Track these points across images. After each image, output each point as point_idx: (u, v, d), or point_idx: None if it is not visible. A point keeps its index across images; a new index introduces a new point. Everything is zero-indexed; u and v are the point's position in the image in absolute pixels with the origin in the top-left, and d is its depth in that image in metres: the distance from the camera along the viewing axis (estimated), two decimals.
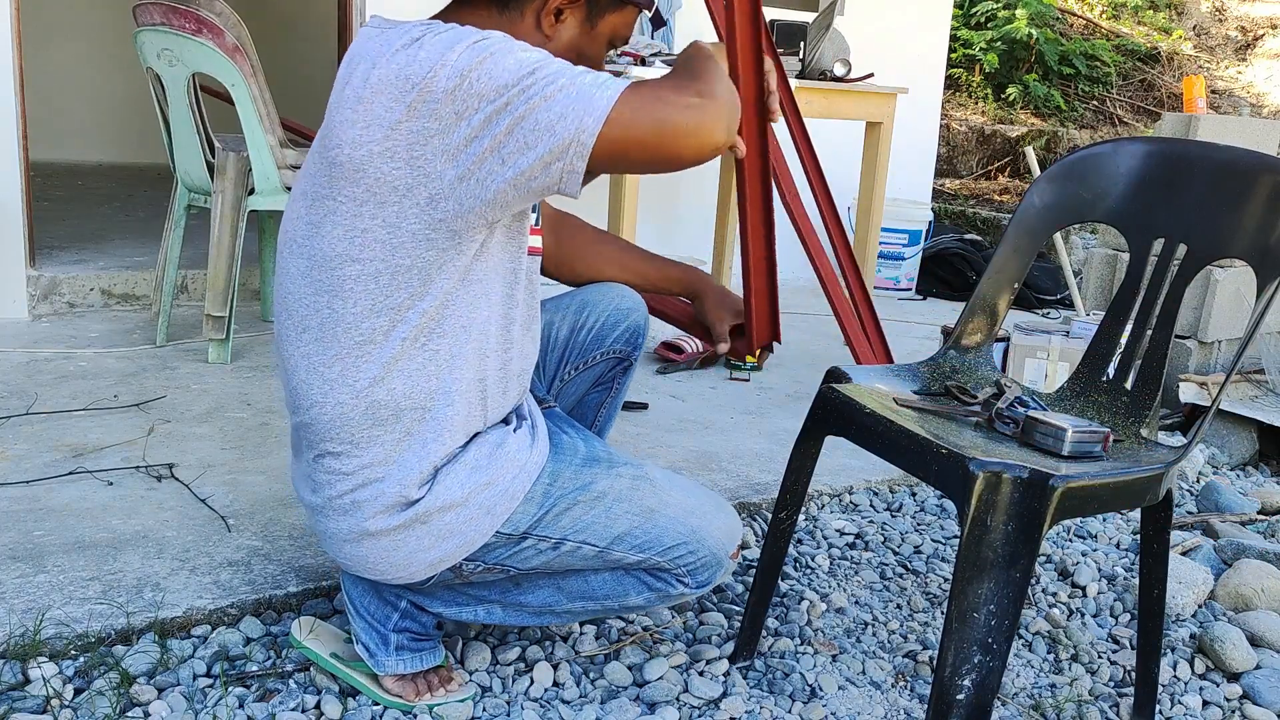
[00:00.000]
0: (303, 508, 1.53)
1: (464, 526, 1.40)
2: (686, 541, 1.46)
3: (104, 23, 6.33)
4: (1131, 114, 8.02)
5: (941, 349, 1.83)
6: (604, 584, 1.51)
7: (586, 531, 1.44)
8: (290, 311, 1.41)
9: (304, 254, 1.37)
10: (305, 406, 1.41)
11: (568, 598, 1.52)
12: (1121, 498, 1.43)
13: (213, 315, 2.96)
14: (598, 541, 1.44)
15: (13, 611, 1.63)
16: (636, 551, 1.46)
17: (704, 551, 1.47)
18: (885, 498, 2.46)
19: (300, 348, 1.40)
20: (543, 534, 1.43)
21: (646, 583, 1.50)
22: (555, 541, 1.44)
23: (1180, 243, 1.67)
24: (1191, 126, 3.24)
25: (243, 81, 2.89)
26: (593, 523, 1.44)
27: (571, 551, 1.45)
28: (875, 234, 3.74)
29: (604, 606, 1.54)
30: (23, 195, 3.28)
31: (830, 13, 3.54)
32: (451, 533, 1.40)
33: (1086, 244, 5.41)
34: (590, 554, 1.45)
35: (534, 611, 1.55)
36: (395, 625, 1.53)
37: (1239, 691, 1.80)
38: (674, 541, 1.46)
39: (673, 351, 3.30)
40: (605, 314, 1.74)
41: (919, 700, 1.68)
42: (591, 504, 1.44)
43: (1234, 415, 3.06)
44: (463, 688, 1.57)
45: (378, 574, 1.44)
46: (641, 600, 1.51)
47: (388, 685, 1.53)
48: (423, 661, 1.54)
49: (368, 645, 1.53)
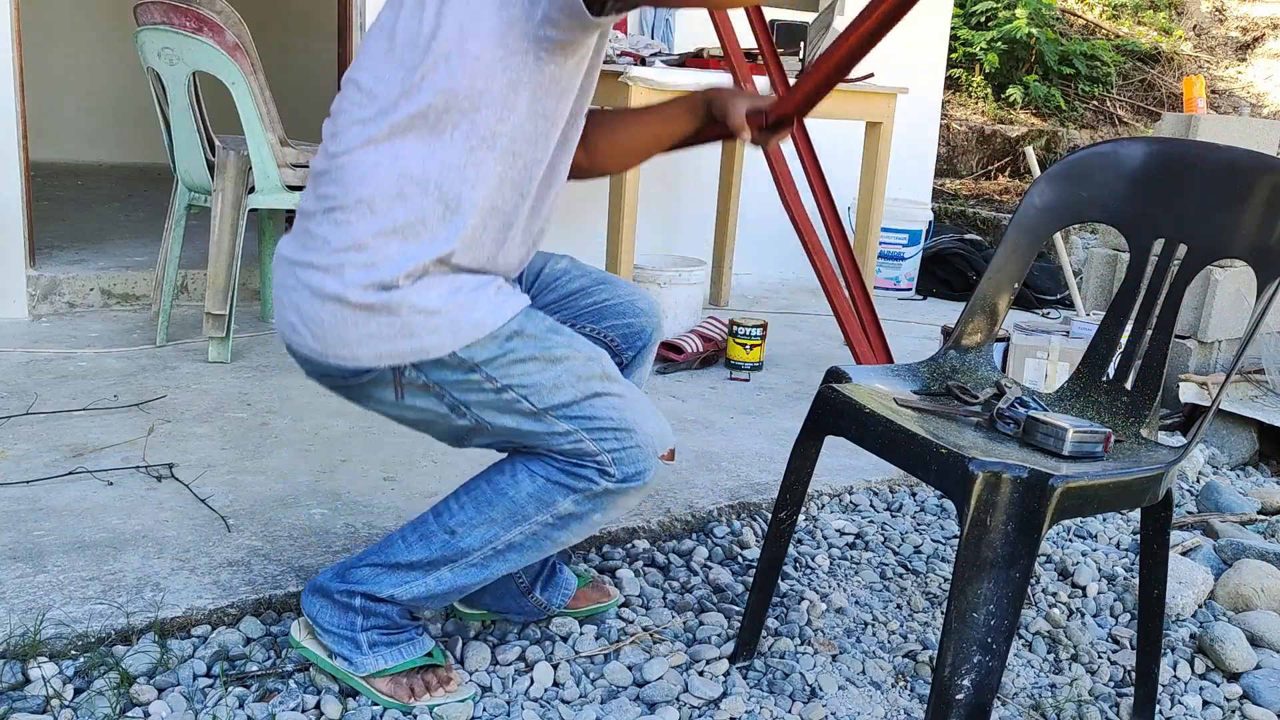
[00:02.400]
0: (280, 265, 1.48)
1: (426, 333, 1.39)
2: (620, 428, 1.44)
3: (104, 23, 6.33)
4: (1131, 114, 8.02)
5: (941, 349, 1.83)
6: (530, 495, 1.48)
7: (531, 389, 1.43)
8: (359, 83, 1.42)
9: (390, 36, 1.39)
10: (340, 152, 1.41)
11: (501, 525, 1.49)
12: (1121, 498, 1.43)
13: (213, 314, 2.96)
14: (537, 402, 1.43)
15: (13, 611, 1.63)
16: (568, 421, 1.44)
17: (633, 442, 1.45)
18: (885, 498, 2.46)
19: (359, 112, 1.40)
20: (492, 373, 1.42)
21: (569, 478, 1.46)
22: (500, 387, 1.42)
23: (1180, 243, 1.67)
24: (1191, 126, 3.24)
25: (243, 80, 2.89)
26: (540, 383, 1.43)
27: (509, 404, 1.43)
28: (875, 234, 3.74)
29: (540, 526, 1.49)
30: (23, 195, 3.28)
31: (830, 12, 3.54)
32: (413, 334, 1.39)
33: (1086, 244, 5.41)
34: (525, 412, 1.43)
35: (479, 560, 1.51)
36: (361, 626, 1.53)
37: (1239, 691, 1.80)
38: (608, 425, 1.44)
39: (673, 351, 3.30)
40: (618, 300, 1.72)
41: (919, 700, 1.68)
42: (545, 365, 1.44)
43: (1234, 415, 3.05)
44: (462, 688, 1.57)
45: (322, 345, 1.42)
46: (571, 504, 1.47)
47: (378, 687, 1.53)
48: (402, 654, 1.54)
49: (343, 654, 1.53)
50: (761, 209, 4.78)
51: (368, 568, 1.53)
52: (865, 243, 3.70)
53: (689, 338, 3.33)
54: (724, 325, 3.43)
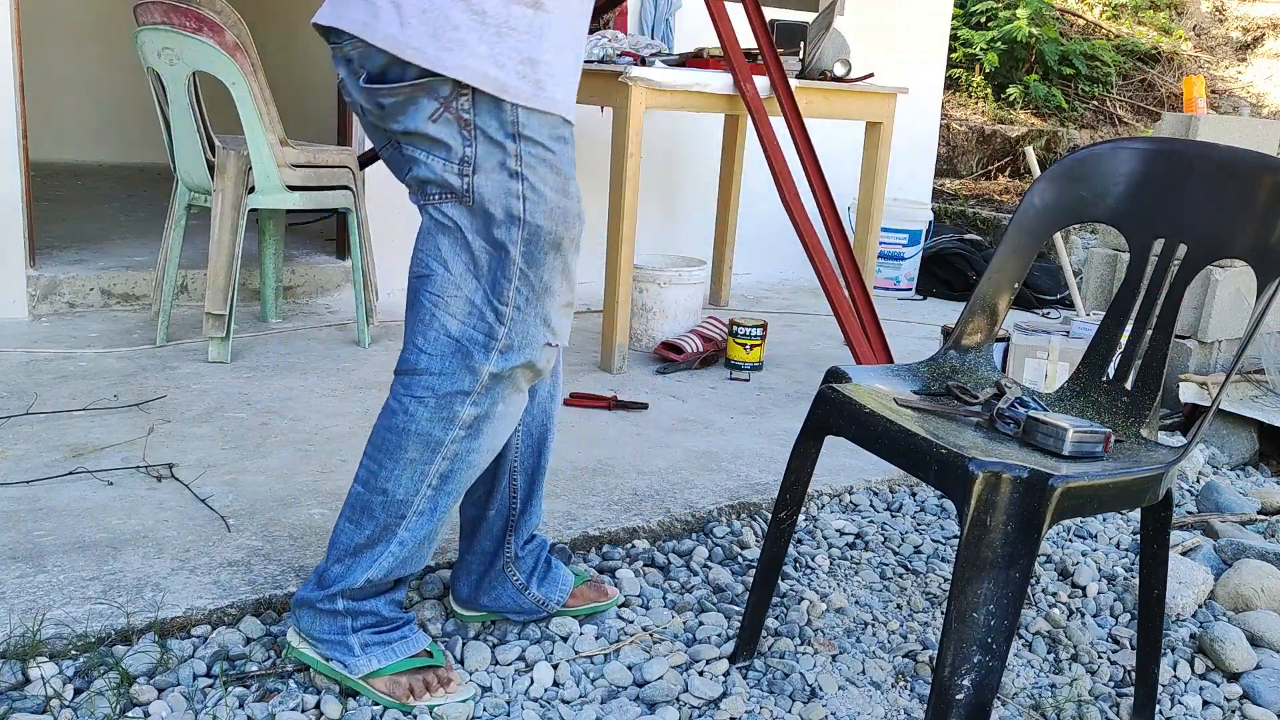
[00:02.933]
0: None
1: (514, 75, 1.38)
2: (536, 298, 1.46)
3: (104, 23, 6.33)
4: (1131, 114, 8.02)
5: (941, 349, 1.83)
6: (430, 418, 1.46)
7: (536, 197, 1.42)
8: None
9: None
10: None
11: (422, 460, 1.47)
12: (1121, 498, 1.43)
13: (213, 314, 2.97)
14: (528, 211, 1.42)
15: (13, 611, 1.63)
16: (522, 258, 1.43)
17: (534, 318, 1.47)
18: (885, 498, 2.46)
19: None
20: (523, 153, 1.41)
21: (454, 381, 1.45)
22: (517, 171, 1.41)
23: (1180, 243, 1.67)
24: (1191, 126, 3.24)
25: (243, 80, 2.89)
26: (546, 198, 1.43)
27: (507, 193, 1.41)
28: (875, 234, 3.74)
29: (457, 444, 1.47)
30: (23, 195, 3.28)
31: (830, 13, 3.54)
32: (503, 66, 1.37)
33: (1086, 244, 5.41)
34: (508, 214, 1.42)
35: (424, 505, 1.50)
36: (352, 628, 1.53)
37: (1239, 691, 1.80)
38: (537, 288, 1.46)
39: (673, 351, 3.30)
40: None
41: (919, 700, 1.68)
42: (559, 192, 1.44)
43: (1234, 415, 3.06)
44: (462, 688, 1.57)
45: (406, 35, 1.36)
46: (470, 407, 1.46)
47: (377, 686, 1.53)
48: (395, 653, 1.54)
49: (337, 658, 1.53)
50: (761, 209, 4.78)
51: (335, 565, 1.53)
52: (865, 243, 3.70)
53: (689, 338, 3.33)
54: (724, 325, 3.43)
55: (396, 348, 3.31)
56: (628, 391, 3.01)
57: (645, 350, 3.47)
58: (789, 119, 3.26)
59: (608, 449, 2.54)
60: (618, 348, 3.19)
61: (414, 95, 1.39)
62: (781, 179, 3.14)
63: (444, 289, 1.45)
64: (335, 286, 3.91)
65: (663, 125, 4.66)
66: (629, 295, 3.21)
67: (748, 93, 3.20)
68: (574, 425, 2.68)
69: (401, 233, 4.00)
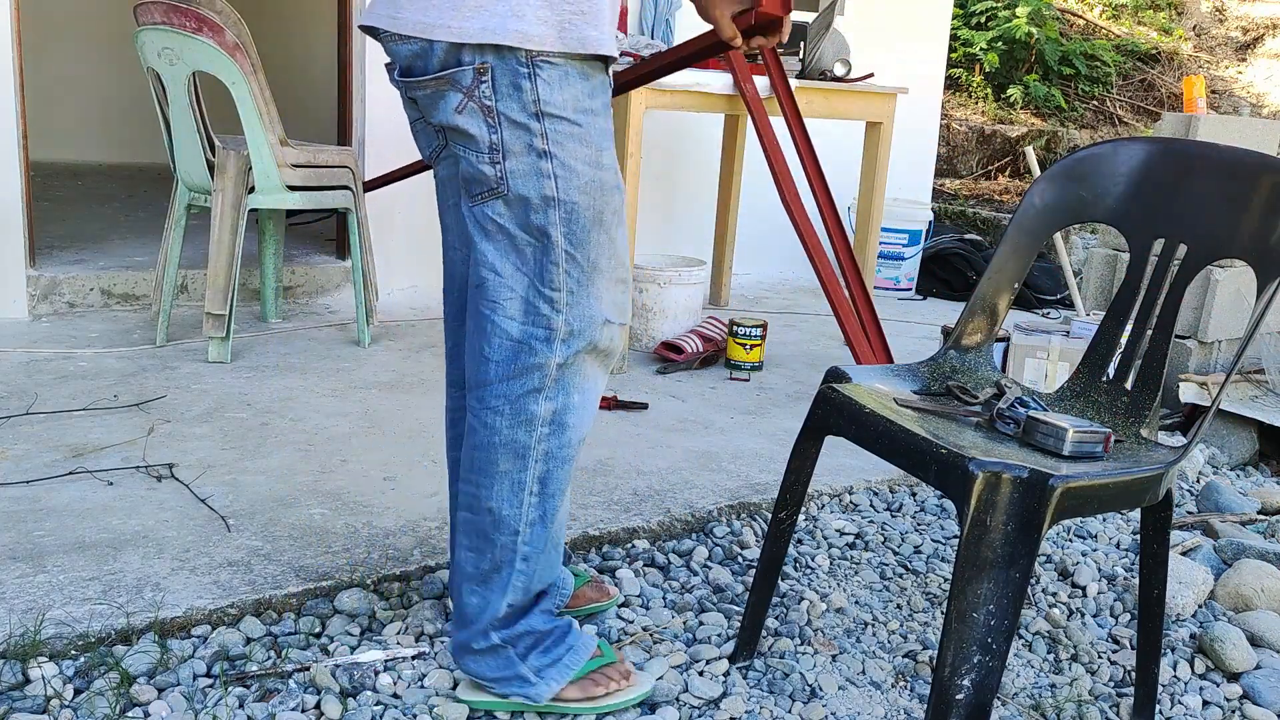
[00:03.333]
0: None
1: (535, 21, 1.35)
2: (584, 276, 1.46)
3: (104, 23, 6.33)
4: (1131, 114, 8.02)
5: (941, 349, 1.83)
6: (510, 424, 1.45)
7: (567, 173, 1.41)
8: None
9: None
10: None
11: (516, 469, 1.46)
12: (1121, 498, 1.43)
13: (213, 314, 2.97)
14: (561, 189, 1.41)
15: (13, 611, 1.63)
16: (565, 239, 1.43)
17: (587, 296, 1.47)
18: (885, 498, 2.46)
19: None
20: (548, 129, 1.39)
21: (522, 383, 1.45)
22: (544, 150, 1.40)
23: (1180, 243, 1.67)
24: (1191, 126, 3.24)
25: (243, 80, 2.89)
26: (577, 172, 1.41)
27: (538, 172, 1.40)
28: (875, 234, 3.74)
29: (544, 442, 1.47)
30: (23, 195, 3.28)
31: (830, 13, 3.54)
32: (522, 15, 1.35)
33: (1086, 244, 5.41)
34: (542, 197, 1.41)
35: (534, 513, 1.49)
36: (518, 657, 1.53)
37: (1239, 691, 1.80)
38: (584, 265, 1.45)
39: (673, 351, 3.31)
40: None
41: (919, 700, 1.68)
42: (592, 164, 1.43)
43: (1234, 415, 3.06)
44: (642, 679, 1.60)
45: (434, 13, 1.36)
46: (546, 403, 1.46)
47: (570, 698, 1.54)
48: (569, 667, 1.55)
49: (517, 694, 1.53)
50: (761, 209, 4.78)
51: (471, 597, 1.52)
52: (865, 243, 3.70)
53: (689, 338, 3.33)
54: (724, 325, 3.43)
55: (397, 348, 3.31)
56: (628, 391, 3.01)
57: (645, 350, 3.47)
58: (789, 119, 3.26)
59: (608, 449, 2.54)
60: None
61: (439, 88, 1.40)
62: (781, 179, 3.14)
63: (497, 294, 1.45)
64: (335, 286, 3.91)
65: (663, 125, 4.66)
66: (629, 295, 3.20)
67: (748, 93, 3.20)
68: None
69: (401, 233, 4.00)
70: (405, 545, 1.95)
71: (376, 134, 3.89)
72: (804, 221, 3.15)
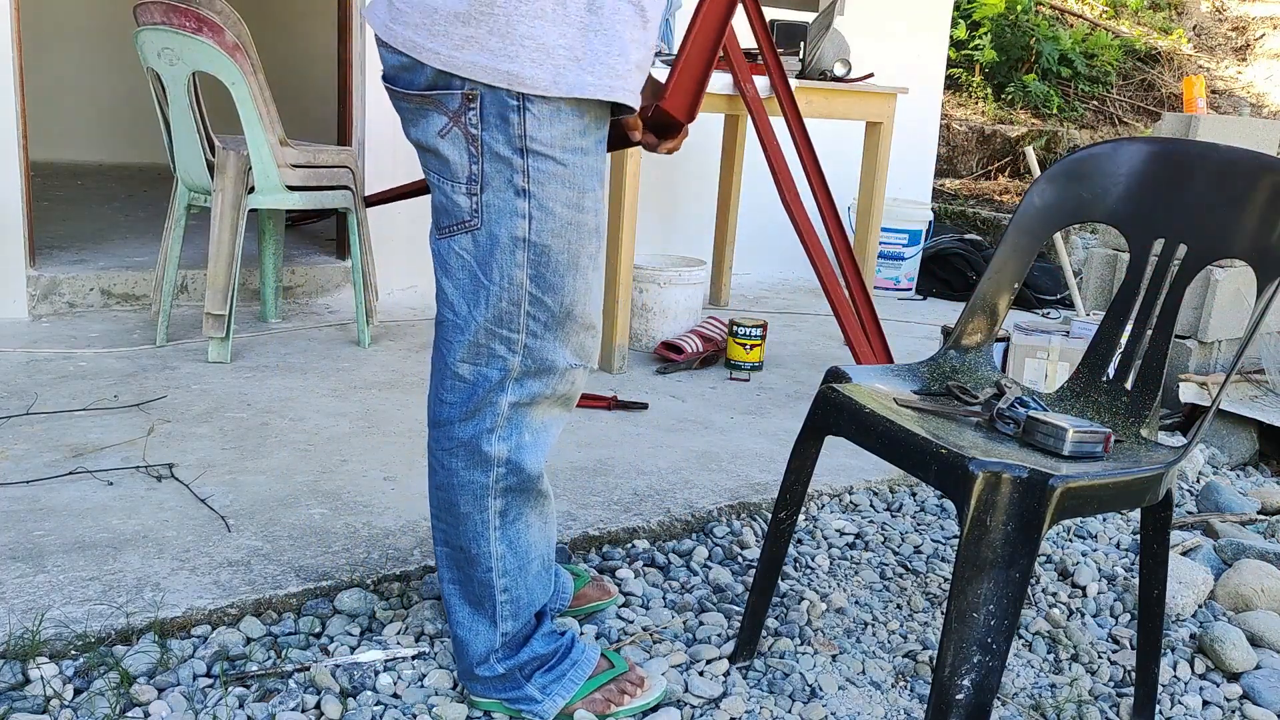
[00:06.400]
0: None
1: (529, 63, 1.31)
2: (556, 319, 1.43)
3: (104, 23, 6.33)
4: (1131, 114, 8.02)
5: (941, 349, 1.83)
6: (465, 466, 1.45)
7: (543, 215, 1.37)
8: None
9: None
10: None
11: (476, 510, 1.46)
12: (1121, 498, 1.43)
13: (213, 314, 2.97)
14: (534, 230, 1.37)
15: (13, 611, 1.63)
16: (528, 278, 1.39)
17: (555, 340, 1.43)
18: (885, 498, 2.46)
19: None
20: (530, 168, 1.35)
21: (475, 423, 1.43)
22: (523, 189, 1.36)
23: (1180, 243, 1.67)
24: (1191, 126, 3.24)
25: (243, 80, 2.89)
26: (555, 215, 1.37)
27: (513, 212, 1.37)
28: (875, 234, 3.74)
29: (499, 480, 1.46)
30: (23, 195, 3.28)
31: (830, 13, 3.54)
32: (515, 58, 1.31)
33: (1086, 244, 5.41)
34: (513, 235, 1.37)
35: (503, 544, 1.49)
36: (524, 678, 1.53)
37: (1239, 691, 1.80)
38: (553, 309, 1.42)
39: (673, 351, 3.30)
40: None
41: (919, 700, 1.68)
42: (573, 209, 1.39)
43: (1234, 415, 3.05)
44: (655, 683, 1.60)
45: (421, 37, 1.33)
46: (499, 444, 1.44)
47: (577, 716, 1.54)
48: (574, 682, 1.54)
49: (525, 711, 1.53)
50: (761, 209, 4.78)
51: (462, 631, 1.53)
52: (865, 243, 3.70)
53: (689, 338, 3.33)
54: (724, 325, 3.43)
55: (397, 348, 3.31)
56: (628, 391, 3.01)
57: (645, 350, 3.47)
58: (789, 119, 3.26)
59: (607, 449, 2.54)
60: (618, 348, 3.19)
61: (423, 107, 1.37)
62: (781, 179, 3.14)
63: (453, 334, 1.43)
64: (335, 286, 3.91)
65: None
66: (629, 295, 3.21)
67: (748, 93, 3.20)
68: (574, 425, 2.68)
69: (402, 233, 4.00)
70: (405, 545, 1.95)
71: (376, 134, 3.89)
72: (804, 221, 3.15)
